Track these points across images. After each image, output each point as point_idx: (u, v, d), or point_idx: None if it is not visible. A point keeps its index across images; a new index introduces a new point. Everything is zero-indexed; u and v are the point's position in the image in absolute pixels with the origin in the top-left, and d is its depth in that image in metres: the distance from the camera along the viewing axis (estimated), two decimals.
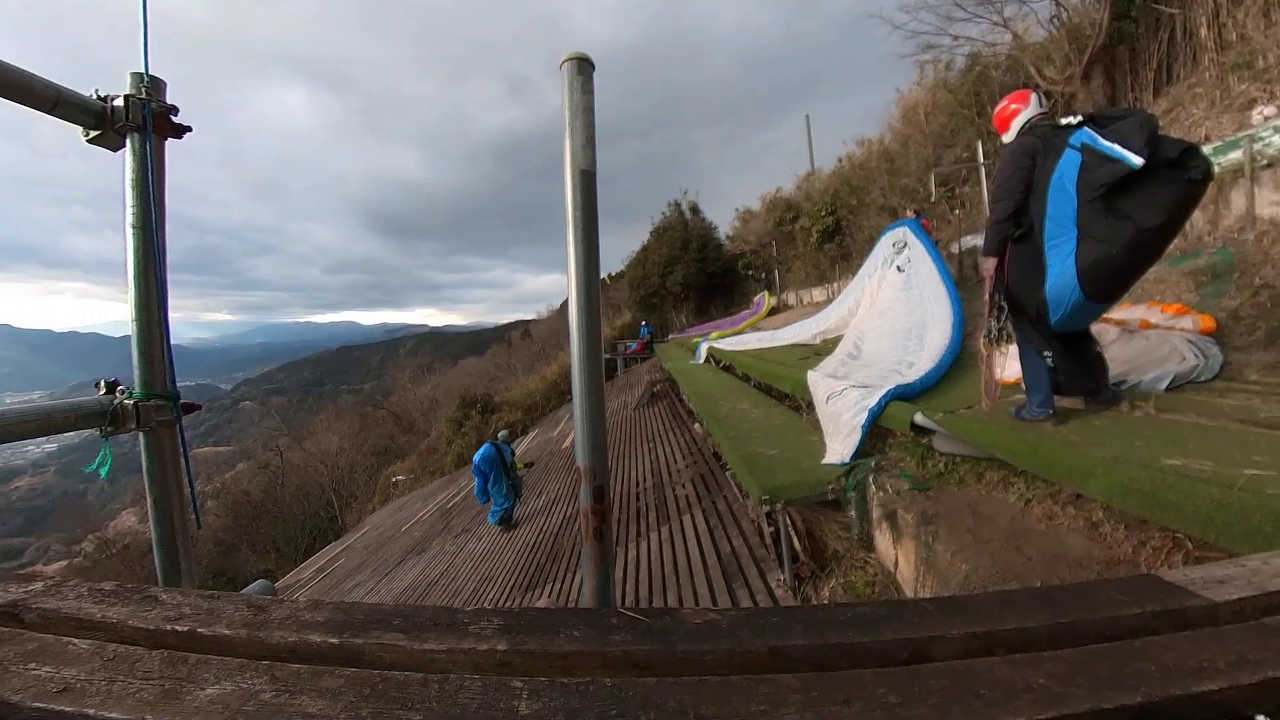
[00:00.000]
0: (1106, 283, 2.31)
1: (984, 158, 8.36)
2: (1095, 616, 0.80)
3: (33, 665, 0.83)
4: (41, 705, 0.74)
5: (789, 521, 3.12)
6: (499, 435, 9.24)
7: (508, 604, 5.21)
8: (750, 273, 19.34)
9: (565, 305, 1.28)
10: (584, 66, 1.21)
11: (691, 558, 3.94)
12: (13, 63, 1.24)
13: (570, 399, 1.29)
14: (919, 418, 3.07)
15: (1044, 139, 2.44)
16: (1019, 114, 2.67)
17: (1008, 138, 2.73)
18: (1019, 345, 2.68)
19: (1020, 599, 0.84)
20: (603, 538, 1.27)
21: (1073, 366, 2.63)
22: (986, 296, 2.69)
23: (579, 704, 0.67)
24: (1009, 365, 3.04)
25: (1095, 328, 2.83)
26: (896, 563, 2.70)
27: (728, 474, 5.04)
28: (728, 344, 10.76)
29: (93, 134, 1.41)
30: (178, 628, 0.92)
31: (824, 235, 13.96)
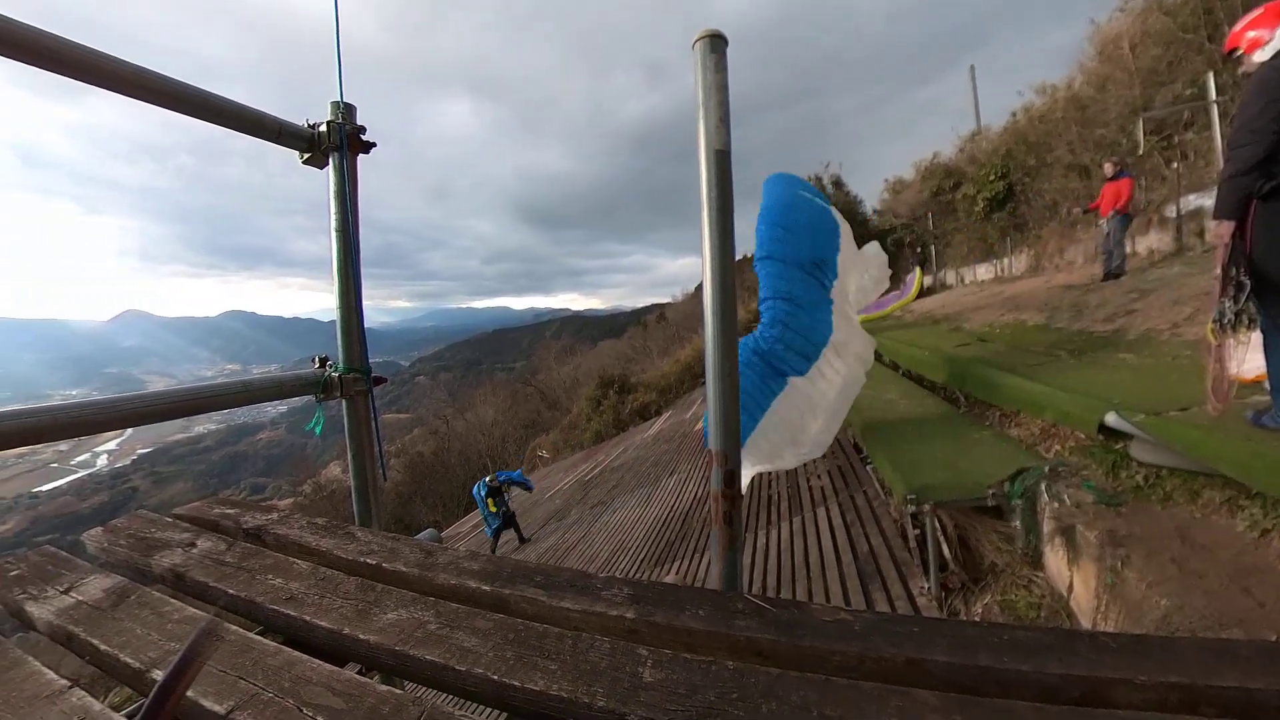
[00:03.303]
0: None
1: (1217, 93, 6.65)
2: None
3: (270, 576, 1.05)
4: (276, 608, 0.94)
5: (938, 525, 2.84)
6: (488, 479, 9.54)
7: (637, 576, 5.43)
8: (902, 247, 17.63)
9: (700, 288, 1.28)
10: (717, 44, 1.18)
11: (824, 553, 3.77)
12: (248, 104, 1.54)
13: (704, 382, 1.29)
14: (1112, 418, 2.60)
15: None
16: (1276, 28, 2.06)
17: (1260, 56, 2.10)
18: (1265, 333, 2.12)
19: (1243, 652, 0.68)
20: (732, 522, 1.27)
21: None
22: (1218, 270, 2.15)
23: (700, 681, 0.68)
24: (1249, 357, 2.43)
25: None
26: (1071, 586, 2.33)
27: (868, 468, 4.71)
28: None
29: (305, 156, 1.70)
30: (368, 561, 1.11)
31: (992, 203, 12.24)
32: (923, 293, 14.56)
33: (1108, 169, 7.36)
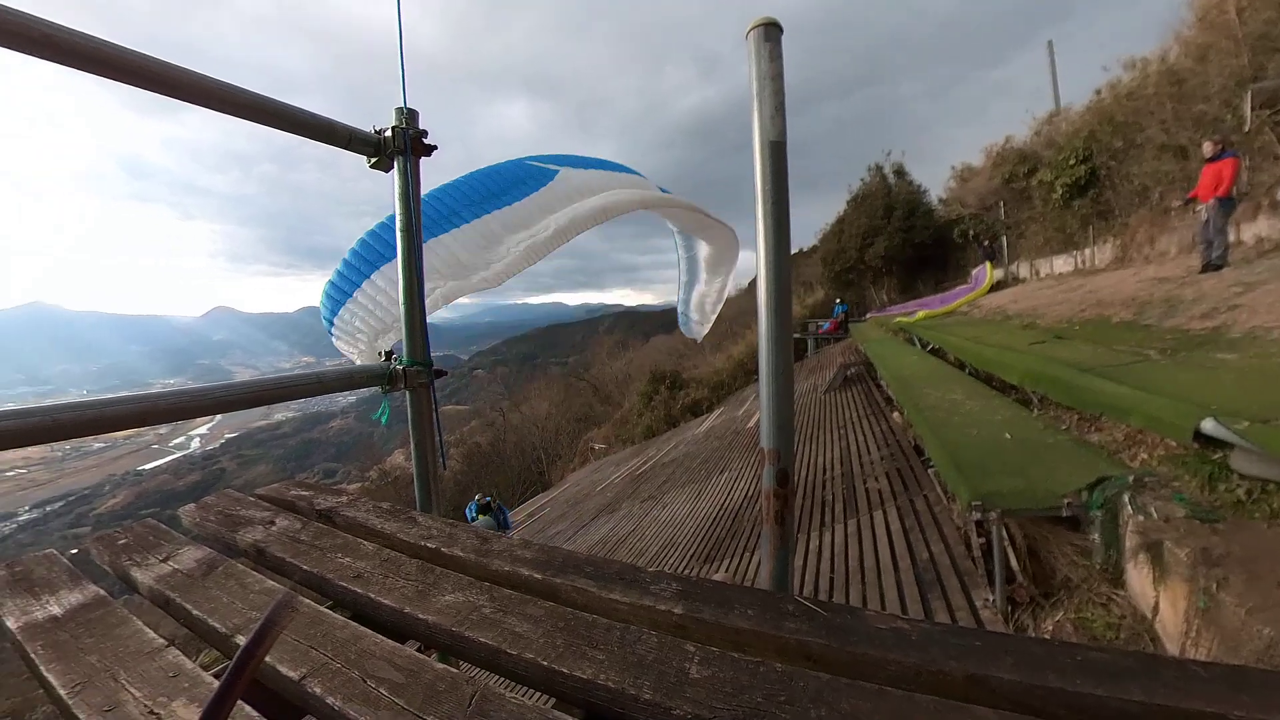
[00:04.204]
0: None
1: None
2: None
3: (339, 555, 1.12)
4: (344, 585, 1.00)
5: (1005, 535, 2.69)
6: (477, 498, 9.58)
7: (686, 572, 5.42)
8: (969, 240, 16.68)
9: (754, 283, 1.26)
10: (772, 32, 1.15)
11: (881, 558, 3.64)
12: (322, 113, 1.64)
13: (757, 379, 1.27)
14: (1210, 425, 2.37)
15: None
16: None
17: None
18: None
19: None
20: (784, 522, 1.25)
21: None
22: None
23: (748, 681, 0.68)
24: None
25: None
26: (1156, 608, 2.15)
27: (930, 471, 4.52)
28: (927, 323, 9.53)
29: (373, 161, 1.79)
30: (428, 545, 1.16)
31: (1072, 189, 11.34)
32: (994, 287, 13.76)
33: (1207, 149, 6.68)
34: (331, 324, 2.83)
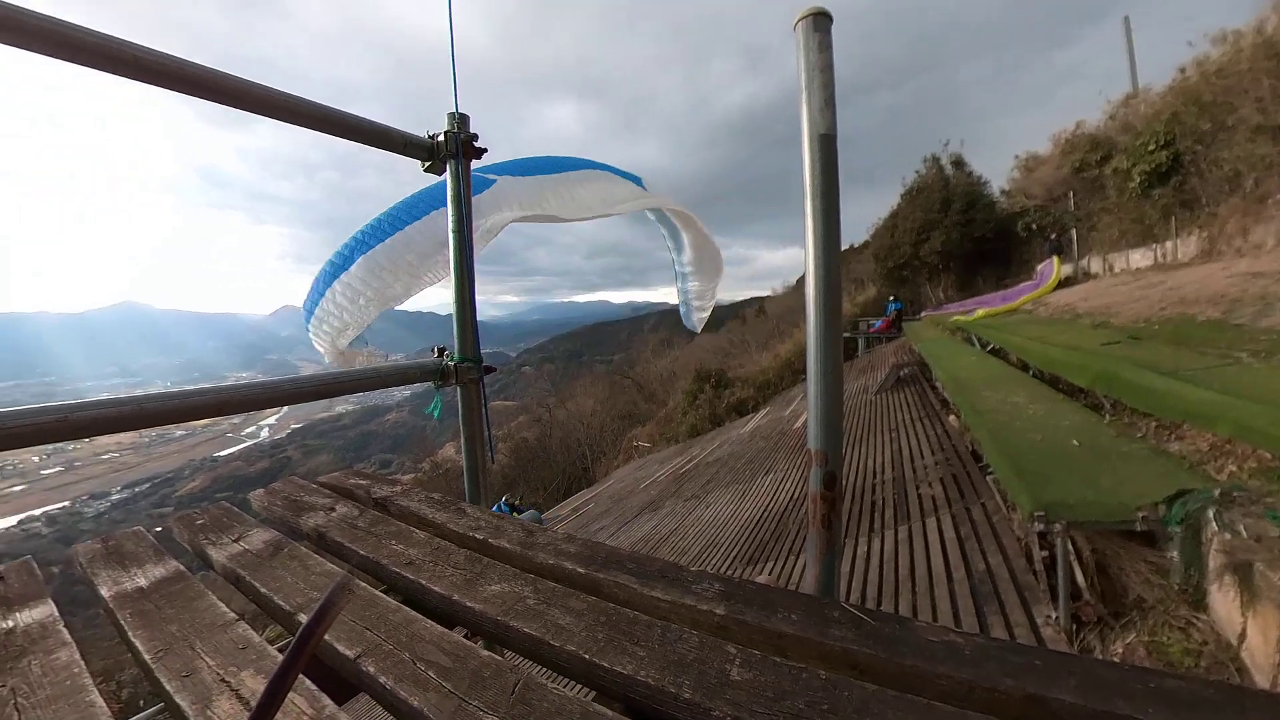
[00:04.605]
0: None
1: None
2: None
3: (393, 542, 1.17)
4: (397, 570, 1.05)
5: (1071, 548, 2.53)
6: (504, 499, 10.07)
7: (728, 573, 5.35)
8: (1034, 233, 15.73)
9: (802, 281, 1.24)
10: (821, 22, 1.12)
11: (933, 567, 3.50)
12: (380, 120, 1.70)
13: (804, 378, 1.24)
14: None
15: None
16: None
17: None
18: None
19: None
20: (831, 526, 1.22)
21: None
22: None
23: (790, 687, 0.67)
24: None
25: None
26: (1243, 635, 1.97)
27: (988, 478, 4.30)
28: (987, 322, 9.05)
29: (426, 165, 1.85)
30: (476, 535, 1.19)
31: (1152, 177, 10.46)
32: (1061, 283, 12.95)
33: None
34: (309, 329, 3.15)
